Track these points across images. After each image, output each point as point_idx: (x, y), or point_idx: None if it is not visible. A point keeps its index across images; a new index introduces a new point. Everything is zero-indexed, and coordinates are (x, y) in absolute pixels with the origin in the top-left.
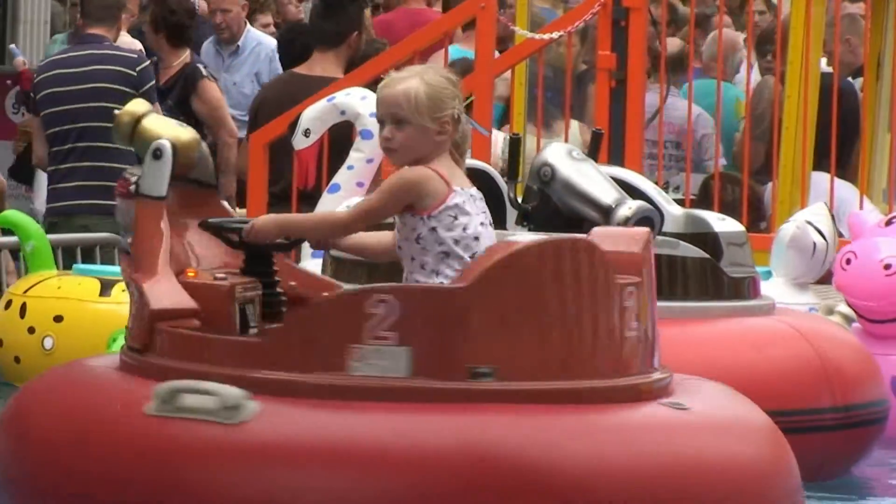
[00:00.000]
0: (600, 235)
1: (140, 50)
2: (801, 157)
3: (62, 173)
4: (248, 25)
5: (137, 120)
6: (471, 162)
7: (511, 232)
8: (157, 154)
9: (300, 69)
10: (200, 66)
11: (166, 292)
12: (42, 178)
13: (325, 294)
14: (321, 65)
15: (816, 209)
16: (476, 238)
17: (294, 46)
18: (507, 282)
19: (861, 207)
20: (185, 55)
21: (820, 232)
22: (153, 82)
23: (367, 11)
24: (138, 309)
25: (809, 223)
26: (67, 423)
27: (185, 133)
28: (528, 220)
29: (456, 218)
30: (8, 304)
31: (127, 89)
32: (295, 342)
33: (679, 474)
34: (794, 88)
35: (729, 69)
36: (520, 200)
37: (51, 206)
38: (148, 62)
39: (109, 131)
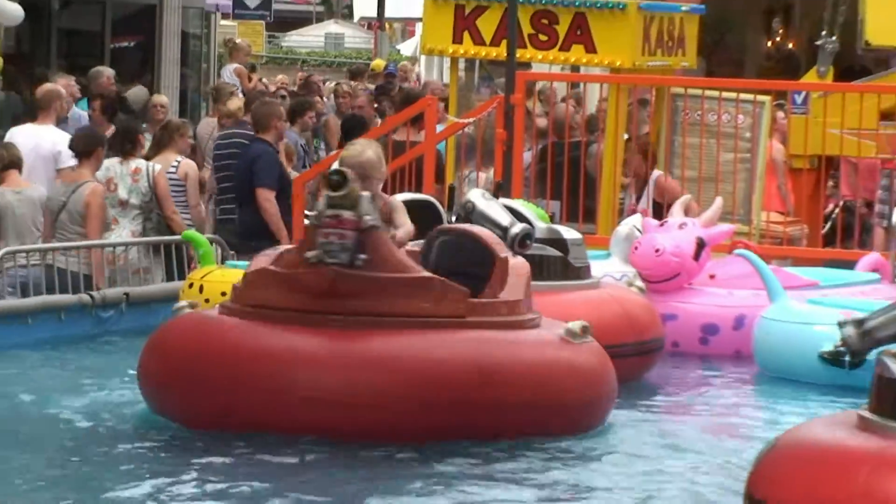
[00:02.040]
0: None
1: None
2: (611, 190)
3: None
4: None
5: (348, 176)
6: (424, 196)
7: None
8: (372, 199)
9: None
10: None
11: None
12: None
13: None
14: None
15: (635, 218)
16: None
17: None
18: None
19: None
20: None
21: (638, 230)
22: None
23: None
24: None
25: (634, 226)
26: (179, 338)
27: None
28: None
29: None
30: (191, 285)
31: None
32: None
33: (556, 366)
34: (609, 150)
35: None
36: (453, 221)
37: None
38: None
39: None
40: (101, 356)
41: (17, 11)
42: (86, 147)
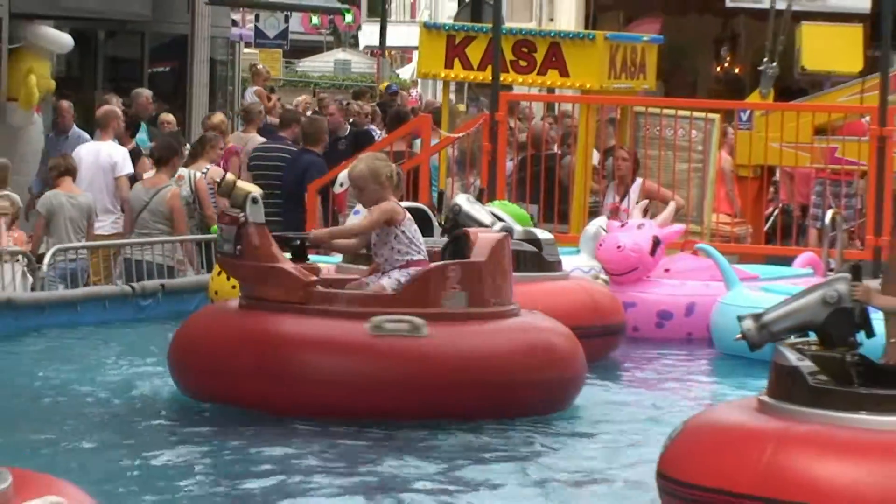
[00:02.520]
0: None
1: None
2: (582, 195)
3: None
4: None
5: (234, 182)
6: (416, 204)
7: (435, 239)
8: (255, 200)
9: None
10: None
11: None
12: None
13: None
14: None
15: (601, 219)
16: (421, 240)
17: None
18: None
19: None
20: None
21: (604, 230)
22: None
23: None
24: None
25: (600, 226)
26: (200, 327)
27: (257, 189)
28: (446, 233)
29: (411, 226)
30: (219, 273)
31: None
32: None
33: (534, 346)
34: (580, 161)
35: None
36: (442, 222)
37: None
38: None
39: None
40: (139, 339)
41: (68, 40)
42: (164, 155)
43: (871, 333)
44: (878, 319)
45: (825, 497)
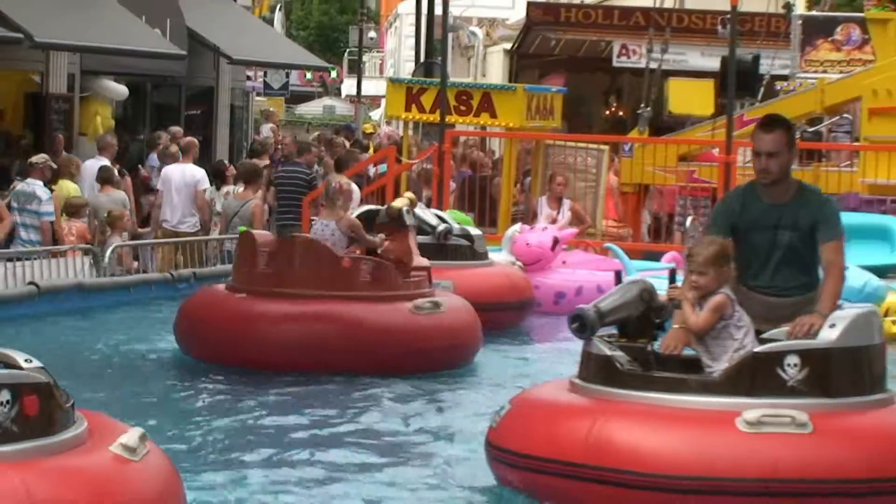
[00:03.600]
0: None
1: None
2: (507, 207)
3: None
4: None
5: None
6: (377, 207)
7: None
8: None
9: None
10: None
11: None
12: None
13: None
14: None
15: (517, 225)
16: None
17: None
18: None
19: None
20: None
21: (518, 232)
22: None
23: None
24: None
25: (516, 230)
26: (199, 306)
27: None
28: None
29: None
30: None
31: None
32: None
33: (452, 320)
34: (505, 180)
35: None
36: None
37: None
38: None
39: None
40: (173, 314)
41: (124, 91)
42: (249, 177)
43: (663, 329)
44: None
45: (645, 462)
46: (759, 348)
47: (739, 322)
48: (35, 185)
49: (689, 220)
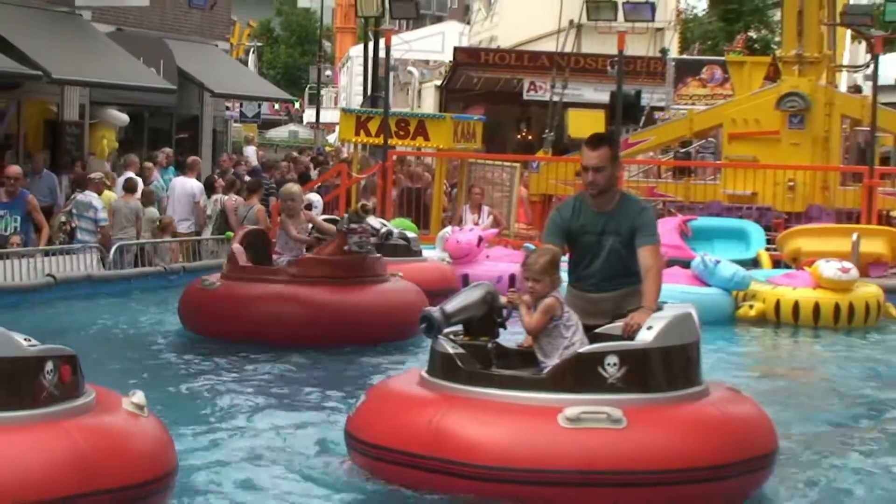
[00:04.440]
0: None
1: None
2: (438, 213)
3: None
4: None
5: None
6: (334, 216)
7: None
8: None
9: None
10: None
11: None
12: None
13: None
14: None
15: (447, 228)
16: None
17: None
18: None
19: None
20: None
21: (449, 233)
22: None
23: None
24: None
25: (447, 231)
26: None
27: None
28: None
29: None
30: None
31: None
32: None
33: (395, 297)
34: (437, 192)
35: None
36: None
37: None
38: None
39: None
40: (166, 299)
41: (125, 118)
42: (253, 187)
43: (504, 327)
44: None
45: (476, 455)
46: (582, 349)
47: (568, 322)
48: (91, 197)
49: None
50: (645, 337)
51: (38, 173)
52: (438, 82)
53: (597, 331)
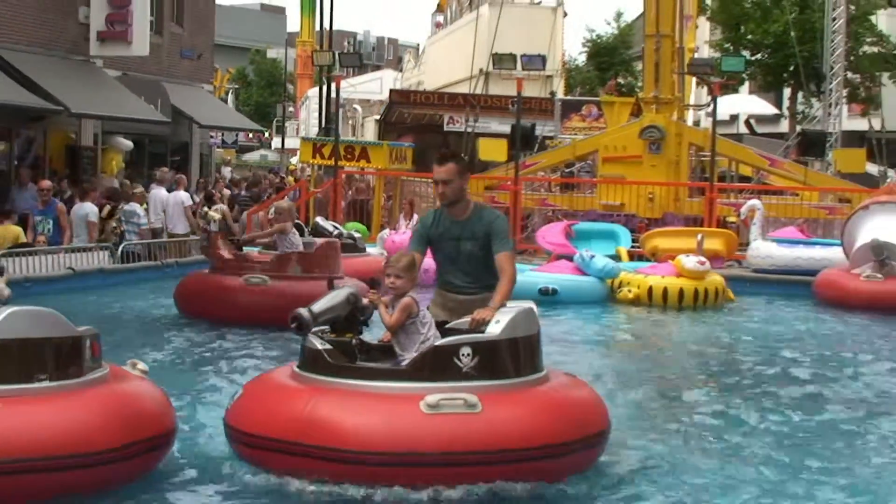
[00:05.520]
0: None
1: None
2: (378, 220)
3: None
4: None
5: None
6: (300, 223)
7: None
8: (215, 220)
9: None
10: None
11: None
12: None
13: None
14: None
15: (385, 231)
16: (299, 240)
17: None
18: None
19: None
20: None
21: (387, 235)
22: None
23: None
24: None
25: (385, 233)
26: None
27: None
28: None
29: (296, 234)
30: None
31: None
32: None
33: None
34: (377, 203)
35: None
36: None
37: None
38: None
39: None
40: (164, 286)
41: (130, 144)
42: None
43: (367, 325)
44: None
45: (345, 440)
46: (439, 342)
47: (424, 319)
48: (135, 206)
49: None
50: (494, 330)
51: (24, 186)
52: (377, 117)
53: (447, 326)
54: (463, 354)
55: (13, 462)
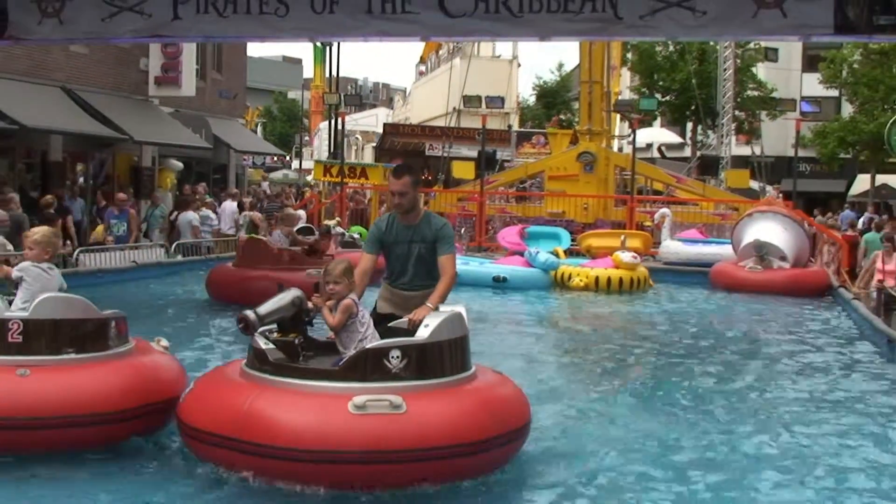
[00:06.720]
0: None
1: None
2: (374, 219)
3: None
4: None
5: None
6: (310, 225)
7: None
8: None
9: None
10: None
11: None
12: None
13: None
14: None
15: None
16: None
17: None
18: None
19: None
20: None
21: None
22: None
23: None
24: None
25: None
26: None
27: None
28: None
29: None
30: None
31: None
32: None
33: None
34: (373, 212)
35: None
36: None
37: None
38: None
39: None
40: (175, 279)
41: (181, 165)
42: (268, 209)
43: (311, 325)
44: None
45: (278, 437)
46: (369, 345)
47: (363, 318)
48: (208, 213)
49: (462, 230)
50: (423, 333)
51: (75, 198)
52: (374, 144)
53: (389, 325)
54: (392, 357)
55: (37, 419)
